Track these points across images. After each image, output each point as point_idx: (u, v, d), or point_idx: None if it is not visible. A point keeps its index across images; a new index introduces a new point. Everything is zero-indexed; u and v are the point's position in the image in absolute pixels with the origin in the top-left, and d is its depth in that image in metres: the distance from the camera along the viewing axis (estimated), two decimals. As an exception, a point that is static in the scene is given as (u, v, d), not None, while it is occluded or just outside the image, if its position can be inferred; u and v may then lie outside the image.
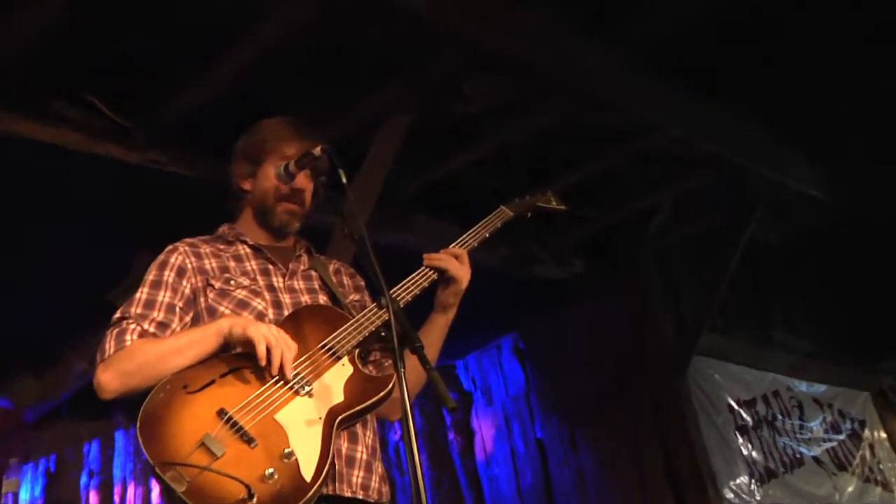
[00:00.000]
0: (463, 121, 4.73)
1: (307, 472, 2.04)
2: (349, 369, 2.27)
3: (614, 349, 6.05)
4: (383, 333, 2.08)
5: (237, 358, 2.23)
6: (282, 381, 2.17)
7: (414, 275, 2.47)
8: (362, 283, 2.70)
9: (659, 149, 5.37)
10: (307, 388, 2.18)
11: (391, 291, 2.34)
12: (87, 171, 4.23)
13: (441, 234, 5.72)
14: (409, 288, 2.43)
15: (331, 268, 2.67)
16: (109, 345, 2.26)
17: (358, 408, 2.20)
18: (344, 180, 2.25)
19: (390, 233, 5.07)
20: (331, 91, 4.39)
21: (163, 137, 4.23)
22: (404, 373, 1.96)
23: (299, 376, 2.19)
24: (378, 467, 2.33)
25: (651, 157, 5.58)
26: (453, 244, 2.57)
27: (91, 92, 3.92)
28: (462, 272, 2.49)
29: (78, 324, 5.58)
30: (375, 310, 2.34)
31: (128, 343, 2.25)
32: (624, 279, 6.24)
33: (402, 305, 2.33)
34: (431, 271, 2.49)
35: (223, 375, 2.17)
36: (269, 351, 2.13)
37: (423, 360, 1.98)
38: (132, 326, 2.29)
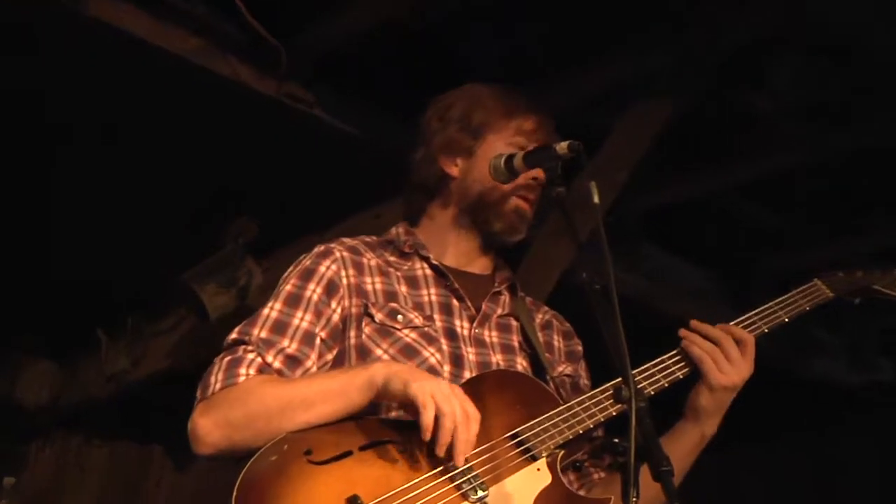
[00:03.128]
0: (737, 122, 4.75)
1: None
2: (546, 478, 2.34)
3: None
4: (615, 440, 2.15)
5: (386, 426, 2.34)
6: (446, 474, 2.26)
7: (665, 358, 2.54)
8: (579, 350, 2.78)
9: None
10: (480, 493, 2.25)
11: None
12: (197, 93, 4.46)
13: (676, 275, 5.82)
14: (653, 375, 2.49)
15: (538, 318, 2.76)
16: (215, 377, 2.39)
17: (549, 538, 2.28)
18: (596, 199, 2.30)
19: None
20: (545, 45, 4.49)
21: (310, 67, 4.44)
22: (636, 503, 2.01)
23: (472, 473, 2.27)
24: None
25: None
26: (736, 322, 2.61)
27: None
28: (732, 368, 2.52)
29: (129, 302, 5.95)
30: (603, 399, 2.41)
31: (241, 379, 2.37)
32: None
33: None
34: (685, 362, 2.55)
35: (363, 448, 2.28)
36: (437, 421, 2.21)
37: (670, 494, 2.01)
38: (251, 356, 2.41)
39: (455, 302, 2.63)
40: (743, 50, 4.27)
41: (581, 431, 2.39)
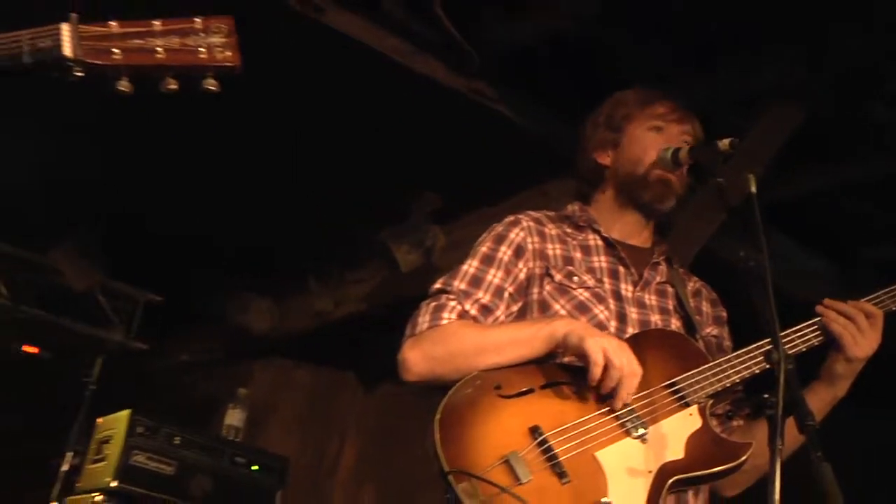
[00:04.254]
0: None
1: (623, 533, 2.10)
2: (696, 422, 2.29)
3: None
4: (765, 395, 2.06)
5: (561, 369, 2.33)
6: (612, 413, 2.23)
7: (803, 326, 2.44)
8: (724, 315, 2.71)
9: None
10: (641, 431, 2.23)
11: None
12: (398, 85, 4.48)
13: (794, 259, 5.62)
14: (792, 341, 2.39)
15: (689, 286, 2.70)
16: (423, 319, 2.42)
17: (698, 472, 2.22)
18: (753, 188, 2.22)
19: (729, 244, 4.98)
20: (696, 53, 4.35)
21: (494, 68, 4.40)
22: (780, 450, 1.93)
23: (634, 414, 2.24)
24: None
25: None
26: (866, 299, 2.48)
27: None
28: (865, 340, 2.40)
29: (333, 255, 6.03)
30: (749, 360, 2.34)
31: (444, 322, 2.39)
32: None
33: None
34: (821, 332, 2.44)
35: (543, 387, 2.28)
36: (605, 372, 2.20)
37: (814, 444, 1.93)
38: (452, 303, 2.43)
39: (621, 269, 2.58)
40: (868, 61, 4.09)
41: (728, 385, 2.34)
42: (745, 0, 4.01)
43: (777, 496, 1.89)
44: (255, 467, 5.13)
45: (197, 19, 1.69)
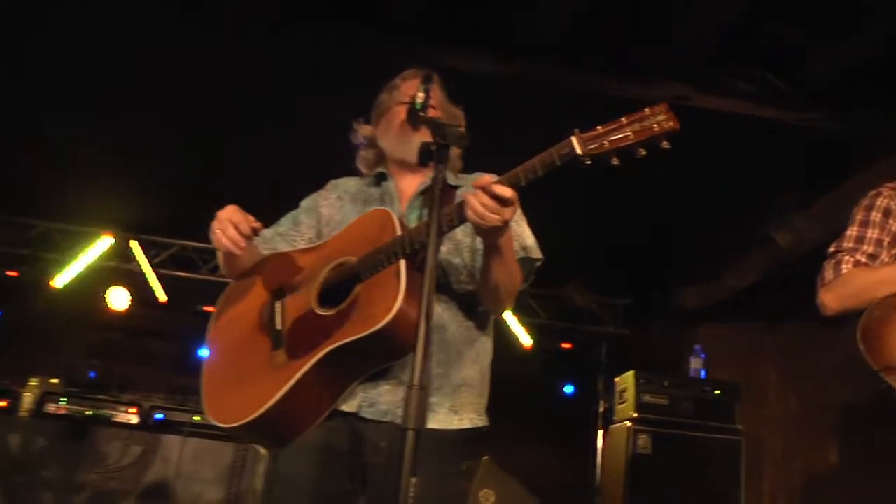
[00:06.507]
0: None
1: None
2: None
3: None
4: None
5: None
6: None
7: None
8: None
9: None
10: None
11: None
12: (750, 129, 4.16)
13: None
14: None
15: None
16: (828, 273, 2.22)
17: None
18: None
19: None
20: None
21: (816, 98, 3.95)
22: None
23: None
24: None
25: None
26: None
27: (757, 67, 3.83)
28: None
29: (734, 246, 5.57)
30: None
31: (844, 272, 2.18)
32: None
33: None
34: None
35: None
36: None
37: None
38: (846, 258, 2.21)
39: None
40: None
41: None
42: None
43: None
44: (717, 392, 4.95)
45: (646, 109, 1.65)
